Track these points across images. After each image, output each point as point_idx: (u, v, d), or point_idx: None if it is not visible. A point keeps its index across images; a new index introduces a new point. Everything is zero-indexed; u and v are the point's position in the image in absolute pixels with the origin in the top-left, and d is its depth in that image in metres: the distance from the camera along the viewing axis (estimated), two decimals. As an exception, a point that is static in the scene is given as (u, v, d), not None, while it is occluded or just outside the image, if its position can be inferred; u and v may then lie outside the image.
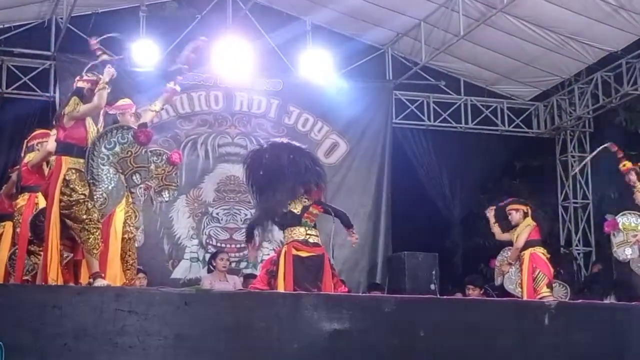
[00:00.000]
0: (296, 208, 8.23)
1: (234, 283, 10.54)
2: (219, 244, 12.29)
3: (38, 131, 8.35)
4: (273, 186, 8.25)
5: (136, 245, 7.59)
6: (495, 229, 9.94)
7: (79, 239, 6.57)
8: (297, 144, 8.74)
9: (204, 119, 12.79)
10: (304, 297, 6.87)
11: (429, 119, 13.96)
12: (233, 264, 11.80)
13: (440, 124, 14.02)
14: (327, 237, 8.47)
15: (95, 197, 6.62)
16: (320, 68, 12.55)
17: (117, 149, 6.70)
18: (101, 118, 7.03)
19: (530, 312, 7.17)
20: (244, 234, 9.07)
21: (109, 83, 6.74)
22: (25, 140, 8.28)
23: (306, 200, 8.28)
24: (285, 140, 8.91)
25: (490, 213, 9.99)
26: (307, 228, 8.19)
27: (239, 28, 12.39)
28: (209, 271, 10.81)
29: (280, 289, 7.88)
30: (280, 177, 8.26)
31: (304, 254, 8.10)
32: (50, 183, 6.66)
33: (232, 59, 12.03)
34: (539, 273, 9.37)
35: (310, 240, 8.18)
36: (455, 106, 14.07)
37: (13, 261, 7.89)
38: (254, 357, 6.23)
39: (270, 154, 8.43)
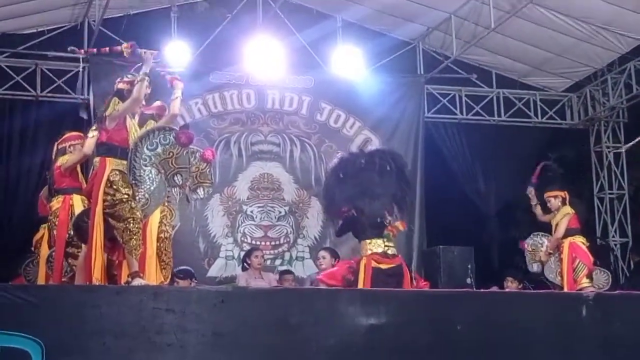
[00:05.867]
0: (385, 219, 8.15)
1: (269, 280, 10.57)
2: (253, 242, 12.33)
3: (69, 133, 8.42)
4: (369, 194, 8.08)
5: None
6: (537, 209, 9.90)
7: (120, 240, 6.65)
8: (395, 152, 8.66)
9: (236, 117, 12.83)
10: (340, 292, 6.89)
11: (461, 113, 13.91)
12: (268, 262, 11.83)
13: (472, 117, 13.96)
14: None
15: (137, 197, 6.72)
16: (351, 64, 12.53)
17: (159, 149, 6.78)
18: (136, 117, 7.10)
19: (567, 304, 7.15)
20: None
21: (149, 74, 6.83)
22: (56, 143, 8.35)
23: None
24: (384, 148, 8.74)
25: (532, 193, 9.97)
26: (385, 240, 8.12)
27: (270, 27, 12.41)
28: (244, 269, 10.84)
29: None
30: (378, 186, 8.12)
31: (384, 266, 8.01)
32: (94, 184, 6.76)
33: (264, 58, 12.05)
34: (578, 263, 9.34)
35: (389, 251, 8.09)
36: (488, 99, 14.01)
37: (51, 263, 7.97)
38: (291, 353, 6.25)
39: (367, 161, 8.28)
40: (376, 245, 8.05)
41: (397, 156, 8.54)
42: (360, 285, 7.89)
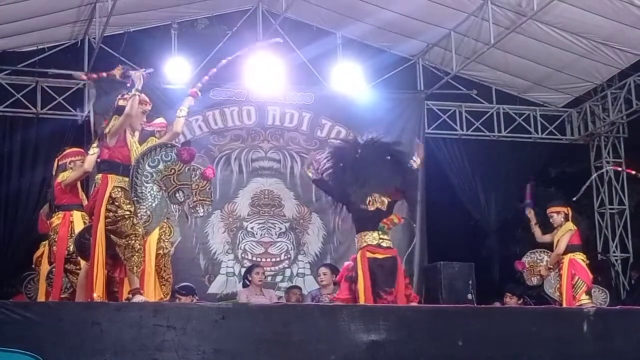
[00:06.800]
0: (382, 204, 8.19)
1: (270, 297, 10.55)
2: (254, 259, 12.31)
3: (69, 149, 8.41)
4: (361, 181, 8.16)
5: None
6: (536, 230, 9.87)
7: (122, 256, 6.65)
8: (397, 147, 8.65)
9: (236, 134, 12.84)
10: (340, 308, 6.88)
11: (461, 129, 13.93)
12: (269, 278, 11.82)
13: (473, 133, 13.98)
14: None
15: (139, 214, 6.72)
16: (352, 80, 12.58)
17: (161, 166, 6.78)
18: (137, 134, 7.11)
19: (568, 320, 7.14)
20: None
21: (140, 90, 6.87)
22: (57, 159, 8.35)
23: (387, 200, 8.23)
24: (386, 139, 8.72)
25: (531, 213, 9.95)
26: (380, 233, 8.18)
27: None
28: (245, 285, 10.82)
29: (361, 292, 7.88)
30: (371, 174, 8.19)
31: (379, 256, 8.09)
32: (96, 201, 6.78)
33: (264, 74, 12.08)
34: (578, 280, 9.30)
35: (383, 244, 8.15)
36: (488, 115, 14.03)
37: (50, 280, 7.96)
38: (292, 369, 6.24)
39: (363, 151, 8.36)
40: (371, 238, 8.13)
41: (392, 144, 8.56)
42: (360, 278, 7.97)
